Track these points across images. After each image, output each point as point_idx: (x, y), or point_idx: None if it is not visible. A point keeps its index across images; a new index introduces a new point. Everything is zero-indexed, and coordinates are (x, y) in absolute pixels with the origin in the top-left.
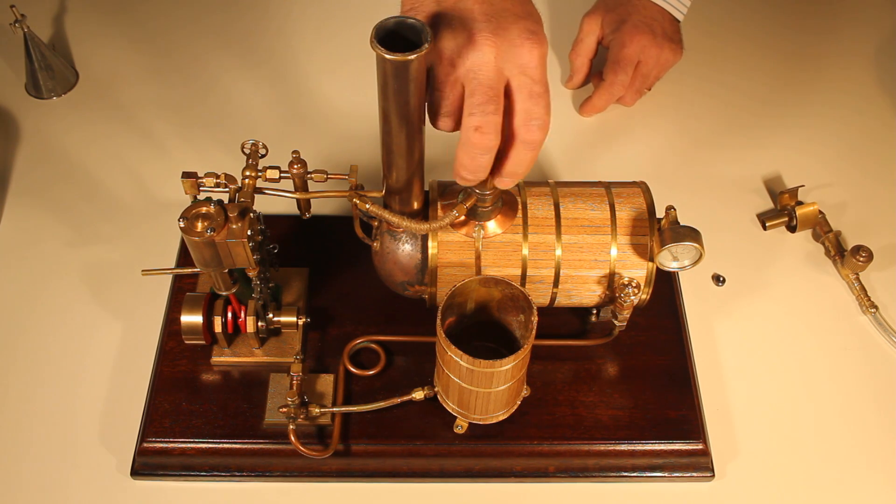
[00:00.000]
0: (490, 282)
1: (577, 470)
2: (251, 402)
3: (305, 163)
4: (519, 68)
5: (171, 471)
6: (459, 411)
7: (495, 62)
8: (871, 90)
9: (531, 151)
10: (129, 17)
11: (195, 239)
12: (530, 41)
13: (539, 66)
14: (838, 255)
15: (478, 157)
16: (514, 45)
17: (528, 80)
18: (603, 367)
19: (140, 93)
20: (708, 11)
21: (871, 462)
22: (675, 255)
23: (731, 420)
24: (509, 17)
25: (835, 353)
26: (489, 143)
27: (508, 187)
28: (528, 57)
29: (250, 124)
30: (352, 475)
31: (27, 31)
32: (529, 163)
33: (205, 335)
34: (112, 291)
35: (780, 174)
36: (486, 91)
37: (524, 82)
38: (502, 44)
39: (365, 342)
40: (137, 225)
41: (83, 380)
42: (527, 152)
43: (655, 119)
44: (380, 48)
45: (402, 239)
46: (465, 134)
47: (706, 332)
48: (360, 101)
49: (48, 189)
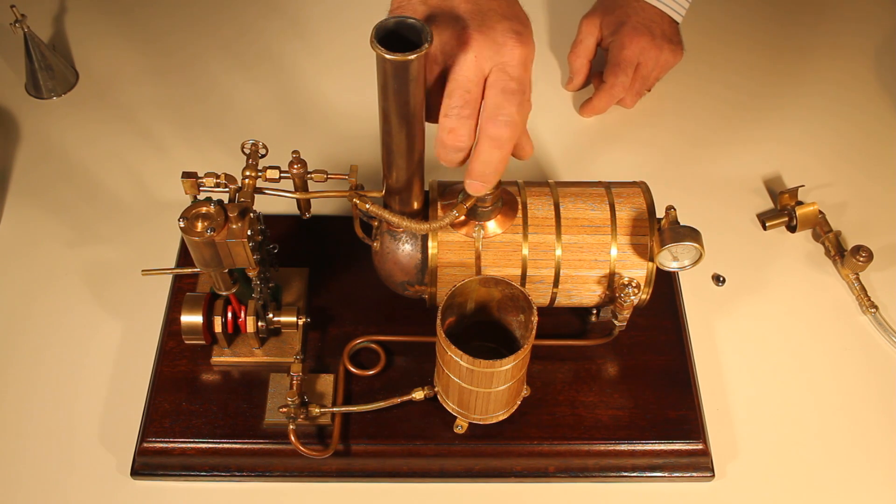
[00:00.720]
0: (490, 282)
1: (577, 470)
2: (251, 402)
3: (305, 163)
4: (499, 65)
5: (171, 471)
6: (459, 411)
7: (476, 61)
8: (871, 90)
9: (498, 150)
10: (129, 17)
11: (195, 239)
12: (513, 40)
13: (519, 66)
14: (838, 255)
15: (452, 156)
16: (497, 43)
17: (505, 76)
18: (603, 367)
19: (140, 93)
20: (708, 11)
21: (872, 462)
22: (675, 255)
23: (731, 420)
24: (495, 17)
25: (835, 353)
26: (461, 143)
27: (479, 193)
28: (509, 55)
29: (250, 124)
30: (352, 475)
31: (27, 31)
32: (497, 164)
33: (205, 335)
34: (112, 291)
35: (780, 174)
36: (463, 95)
37: (500, 78)
38: (485, 42)
39: (365, 342)
40: (137, 225)
41: (83, 380)
42: (493, 150)
43: (655, 119)
44: (380, 48)
45: (402, 239)
46: (440, 132)
47: (706, 332)
48: (360, 101)
49: (48, 189)
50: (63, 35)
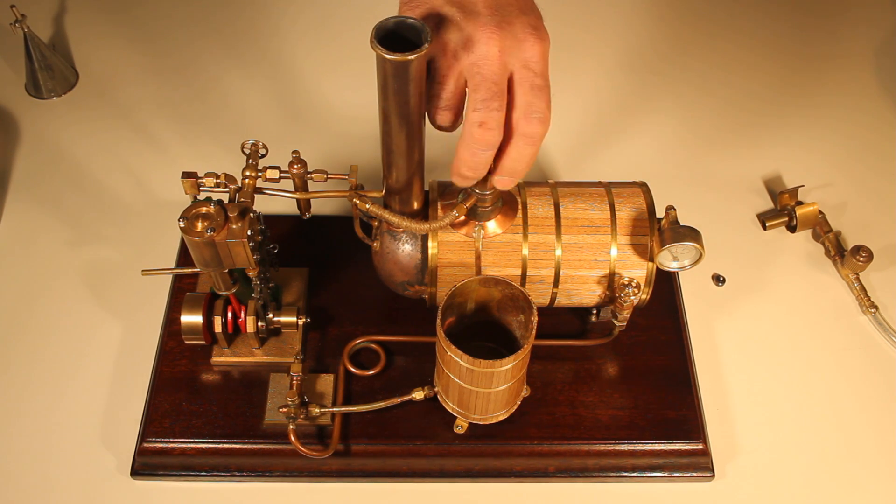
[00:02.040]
0: (490, 282)
1: (577, 470)
2: (251, 402)
3: (305, 163)
4: (522, 62)
5: (171, 471)
6: (459, 411)
7: (500, 56)
8: (871, 90)
9: (531, 147)
10: (129, 17)
11: (195, 239)
12: (533, 36)
13: (541, 61)
14: (838, 255)
15: (479, 154)
16: (518, 39)
17: (531, 73)
18: (603, 367)
19: (140, 93)
20: (708, 11)
21: (871, 462)
22: (675, 255)
23: (731, 420)
24: (513, 12)
25: (835, 353)
26: (492, 139)
27: (507, 188)
28: (531, 52)
29: (250, 124)
30: (352, 475)
31: (27, 31)
32: (529, 160)
33: (205, 335)
34: (112, 291)
35: (780, 174)
36: (491, 87)
37: (526, 75)
38: (506, 38)
39: (365, 342)
40: (137, 225)
41: (83, 380)
42: (526, 147)
43: (655, 119)
44: (380, 48)
45: (402, 239)
46: (468, 129)
47: (706, 332)
48: (360, 101)
49: (48, 189)
50: (63, 35)
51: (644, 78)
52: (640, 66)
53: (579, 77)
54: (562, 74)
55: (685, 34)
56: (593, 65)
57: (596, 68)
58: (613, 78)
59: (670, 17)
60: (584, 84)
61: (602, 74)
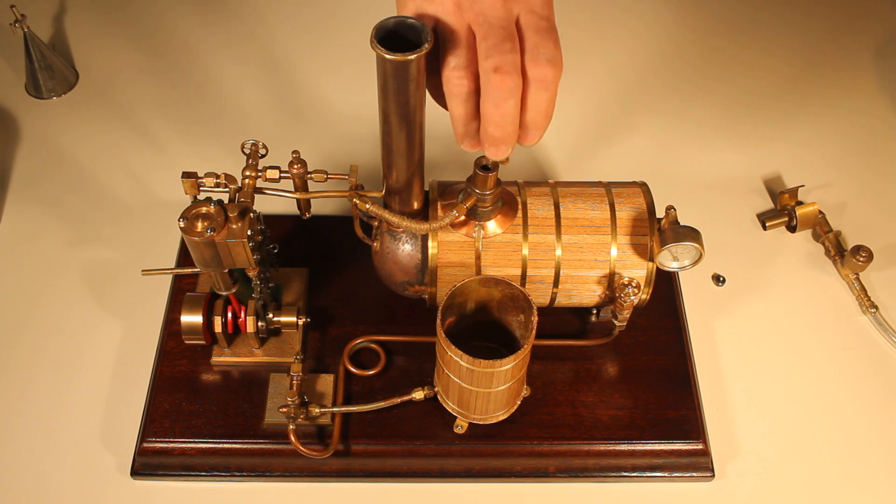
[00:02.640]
0: (490, 282)
1: (577, 470)
2: (251, 402)
3: (305, 163)
4: (527, 7)
5: (171, 471)
6: (459, 411)
7: (503, 2)
8: (871, 90)
9: (545, 91)
10: (129, 17)
11: (195, 239)
12: None
13: (546, 5)
14: (838, 255)
15: (503, 104)
16: None
17: (535, 16)
18: (603, 367)
19: (140, 93)
20: (708, 11)
21: (871, 462)
22: (675, 255)
23: (731, 420)
24: None
25: (835, 353)
26: (510, 82)
27: (535, 142)
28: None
29: (250, 124)
30: (352, 475)
31: (27, 31)
32: (546, 107)
33: (205, 335)
34: (112, 291)
35: (780, 174)
36: (499, 31)
37: (531, 19)
38: None
39: (365, 342)
40: (137, 225)
41: (83, 380)
42: (539, 92)
43: (655, 119)
44: (380, 48)
45: (402, 239)
46: (485, 80)
47: (706, 332)
48: (360, 101)
49: (48, 189)
50: (63, 35)
51: (644, 78)
52: (640, 67)
53: (579, 77)
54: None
55: (685, 34)
56: (593, 65)
57: (596, 68)
58: (613, 78)
59: (670, 17)
60: (584, 84)
61: (602, 74)
